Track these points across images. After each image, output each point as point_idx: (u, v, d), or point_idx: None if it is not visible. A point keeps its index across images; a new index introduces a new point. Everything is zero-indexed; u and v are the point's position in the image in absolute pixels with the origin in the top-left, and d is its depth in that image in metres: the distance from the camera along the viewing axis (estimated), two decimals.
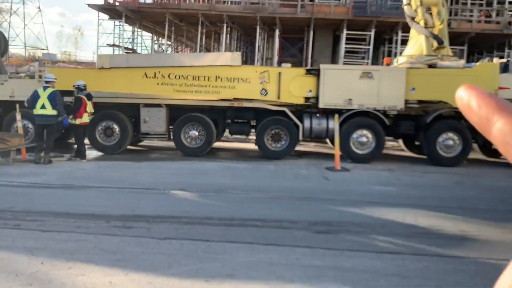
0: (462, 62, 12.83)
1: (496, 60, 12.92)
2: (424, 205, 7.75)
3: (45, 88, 10.87)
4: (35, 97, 10.77)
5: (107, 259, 4.99)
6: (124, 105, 12.55)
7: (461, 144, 11.94)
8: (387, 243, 5.84)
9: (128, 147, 13.18)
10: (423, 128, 12.05)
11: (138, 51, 26.68)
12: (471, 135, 12.01)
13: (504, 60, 13.32)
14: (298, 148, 13.27)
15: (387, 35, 22.90)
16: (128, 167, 10.77)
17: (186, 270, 4.74)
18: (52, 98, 10.73)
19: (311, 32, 22.13)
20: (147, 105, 12.52)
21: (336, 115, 11.80)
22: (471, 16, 22.94)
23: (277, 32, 22.43)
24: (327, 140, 14.05)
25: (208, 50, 28.09)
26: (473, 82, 11.61)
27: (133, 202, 7.43)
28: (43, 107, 10.72)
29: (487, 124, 0.44)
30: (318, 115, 12.45)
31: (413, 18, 13.08)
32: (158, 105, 12.52)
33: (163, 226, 6.19)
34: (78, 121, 11.38)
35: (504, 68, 12.75)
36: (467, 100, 0.46)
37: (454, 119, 12.22)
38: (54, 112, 10.76)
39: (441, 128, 11.96)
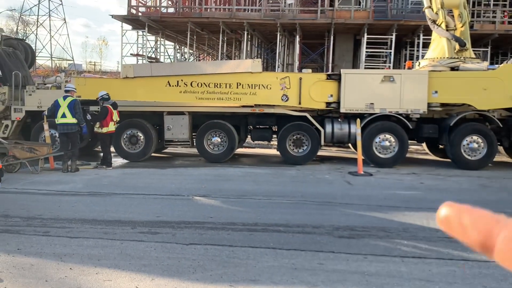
0: (485, 64, 12.67)
1: None
2: None
3: (65, 97, 11.17)
4: (55, 106, 11.08)
5: (133, 264, 5.10)
6: (148, 113, 12.78)
7: (486, 146, 11.77)
8: (410, 247, 5.81)
9: (153, 154, 13.38)
10: (446, 131, 11.93)
11: (161, 60, 27.04)
12: (496, 138, 11.84)
13: None
14: (320, 153, 13.26)
15: (408, 38, 22.71)
16: (152, 174, 10.94)
17: (211, 275, 4.81)
18: (71, 107, 11.02)
19: (332, 37, 22.10)
20: (170, 113, 12.71)
21: (358, 120, 11.78)
22: (494, 17, 22.58)
23: (297, 38, 22.47)
24: (350, 145, 14.00)
25: (229, 57, 28.31)
26: (496, 84, 11.49)
27: (158, 208, 7.55)
28: (63, 116, 11.01)
29: (488, 238, 0.41)
30: (339, 119, 12.43)
31: (434, 21, 12.99)
32: (181, 113, 12.70)
33: (187, 231, 6.29)
34: (104, 130, 11.62)
35: None
36: (456, 217, 0.43)
37: (478, 122, 12.07)
38: (75, 121, 11.04)
39: (465, 130, 11.82)
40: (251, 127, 13.19)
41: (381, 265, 5.16)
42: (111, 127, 11.71)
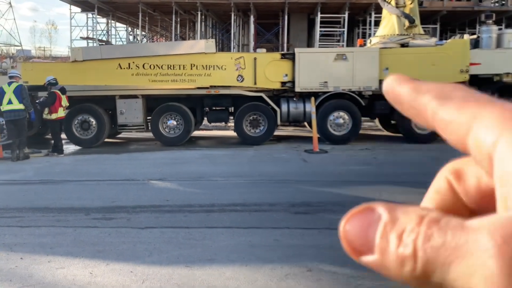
0: (434, 40, 13.00)
1: (466, 37, 13.13)
2: (400, 182, 7.91)
3: (10, 83, 10.74)
4: (0, 93, 10.64)
5: (87, 251, 5.01)
6: (99, 98, 12.44)
7: None
8: None
9: (106, 139, 13.10)
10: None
11: (113, 43, 26.33)
12: None
13: (475, 36, 13.52)
14: (277, 132, 13.34)
15: (360, 17, 23.01)
16: (106, 160, 10.72)
17: (167, 257, 4.79)
18: (18, 92, 10.61)
19: (286, 17, 22.11)
20: (123, 97, 12.43)
21: (313, 98, 11.89)
22: None
23: (252, 18, 22.36)
24: (305, 123, 14.15)
25: (183, 39, 27.87)
26: (444, 59, 11.82)
27: (113, 194, 7.42)
28: (9, 102, 10.60)
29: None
30: (295, 99, 12.52)
31: None
32: (134, 96, 12.44)
33: (143, 215, 6.22)
34: (54, 116, 11.25)
35: (475, 44, 12.95)
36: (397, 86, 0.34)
37: None
38: (22, 106, 10.65)
39: None
40: (207, 109, 13.09)
41: (335, 238, 5.22)
42: (61, 113, 11.35)
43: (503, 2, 22.72)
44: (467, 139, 0.30)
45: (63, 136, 11.95)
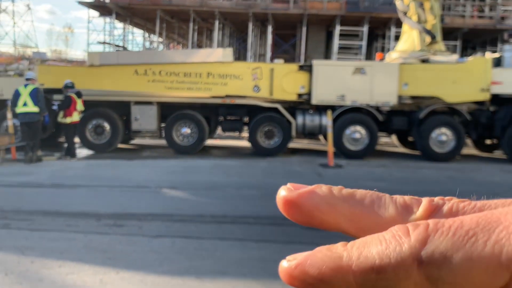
0: (455, 57, 12.82)
1: (488, 55, 12.92)
2: None
3: (26, 85, 10.75)
4: (16, 95, 10.64)
5: (97, 257, 4.92)
6: (114, 103, 12.42)
7: (454, 139, 11.92)
8: None
9: (119, 145, 13.07)
10: (416, 123, 12.03)
11: (129, 48, 26.51)
12: (465, 130, 12.02)
13: (497, 54, 13.31)
14: (291, 145, 13.22)
15: (380, 30, 22.90)
16: (119, 166, 10.67)
17: (178, 268, 4.67)
18: (34, 95, 10.61)
19: (304, 28, 22.07)
20: (138, 103, 12.40)
21: (329, 111, 11.75)
22: (464, 11, 22.97)
23: (269, 29, 22.35)
24: (321, 137, 14.00)
25: (200, 47, 27.96)
26: (465, 77, 11.64)
27: (124, 201, 7.34)
28: (25, 104, 10.60)
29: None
30: (311, 111, 12.39)
31: (405, 13, 13.05)
32: (149, 103, 12.41)
33: (154, 224, 6.12)
34: (68, 120, 11.25)
35: (497, 63, 12.74)
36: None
37: (447, 115, 12.21)
38: (36, 109, 10.63)
39: (434, 123, 11.94)
40: (222, 118, 13.00)
41: None
42: (75, 117, 11.35)
43: None
44: None
45: (77, 140, 11.94)
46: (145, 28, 26.79)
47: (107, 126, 12.37)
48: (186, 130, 12.34)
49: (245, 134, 13.31)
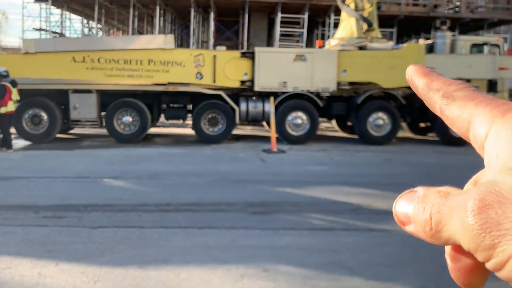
0: (390, 43, 13.29)
1: (421, 42, 13.51)
2: (355, 183, 8.04)
3: None
4: None
5: (36, 250, 4.82)
6: (52, 92, 11.99)
7: (390, 123, 12.42)
8: (320, 220, 6.01)
9: (58, 135, 12.66)
10: (354, 108, 12.43)
11: (67, 35, 25.51)
12: (400, 114, 12.55)
13: (430, 41, 13.93)
14: (235, 131, 13.30)
15: (320, 18, 23.26)
16: (58, 156, 10.36)
17: (120, 257, 4.66)
18: None
19: (246, 15, 22.07)
20: (76, 91, 12.04)
21: (272, 98, 11.91)
22: None
23: (212, 15, 22.18)
24: (264, 123, 14.17)
25: (141, 33, 27.34)
26: (400, 63, 12.11)
27: (64, 192, 7.17)
28: None
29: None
30: (254, 98, 12.50)
31: (343, 1, 13.37)
32: (88, 91, 12.07)
33: (95, 214, 6.03)
34: (3, 110, 10.76)
35: (430, 49, 13.35)
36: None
37: (384, 100, 12.69)
38: None
39: (371, 108, 12.38)
40: (164, 105, 12.86)
41: (292, 239, 5.29)
42: (10, 106, 10.88)
43: (457, 9, 23.52)
44: (468, 133, 0.37)
45: (13, 130, 11.45)
46: (83, 14, 25.84)
47: (44, 115, 11.94)
48: (128, 119, 12.12)
49: (189, 121, 13.24)
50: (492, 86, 12.95)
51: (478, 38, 14.64)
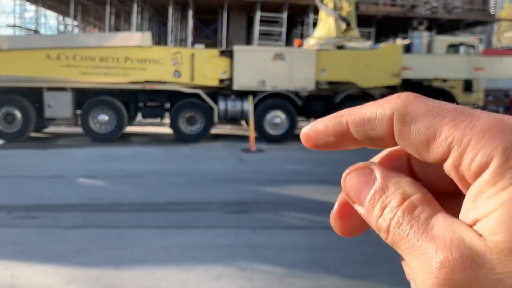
0: (368, 43, 13.41)
1: (399, 42, 13.66)
2: (334, 181, 8.04)
3: None
4: None
5: (8, 251, 4.70)
6: (25, 90, 11.76)
7: None
8: (298, 219, 6.01)
9: (32, 134, 12.42)
10: (332, 108, 12.48)
11: (42, 32, 25.05)
12: None
13: (407, 41, 14.10)
14: (213, 130, 13.24)
15: (299, 17, 23.32)
16: (32, 155, 10.15)
17: (95, 258, 4.57)
18: None
19: (225, 13, 21.99)
20: (51, 89, 11.82)
21: (250, 97, 11.89)
22: None
23: (190, 13, 22.04)
24: (243, 122, 14.14)
25: (118, 30, 26.99)
26: (378, 62, 12.23)
27: (38, 192, 7.02)
28: None
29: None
30: (232, 97, 12.46)
31: (322, 0, 13.42)
32: (63, 89, 11.86)
33: (70, 215, 5.92)
34: None
35: (407, 49, 13.51)
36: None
37: (362, 99, 12.78)
38: None
39: (347, 106, 12.42)
40: (141, 104, 12.72)
41: (269, 238, 5.27)
42: None
43: (434, 10, 23.87)
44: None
45: None
46: (59, 10, 25.39)
47: (18, 114, 11.70)
48: (104, 117, 11.95)
49: (167, 120, 13.13)
50: (467, 86, 13.19)
51: (455, 39, 14.90)
